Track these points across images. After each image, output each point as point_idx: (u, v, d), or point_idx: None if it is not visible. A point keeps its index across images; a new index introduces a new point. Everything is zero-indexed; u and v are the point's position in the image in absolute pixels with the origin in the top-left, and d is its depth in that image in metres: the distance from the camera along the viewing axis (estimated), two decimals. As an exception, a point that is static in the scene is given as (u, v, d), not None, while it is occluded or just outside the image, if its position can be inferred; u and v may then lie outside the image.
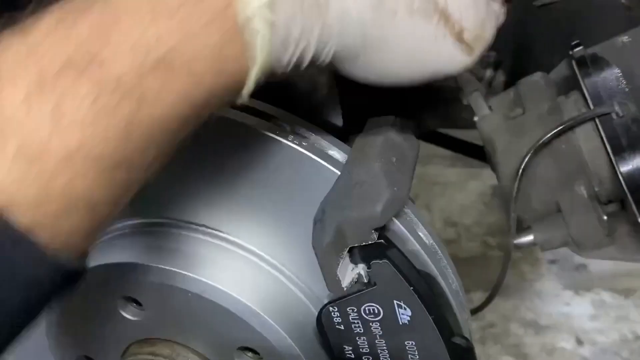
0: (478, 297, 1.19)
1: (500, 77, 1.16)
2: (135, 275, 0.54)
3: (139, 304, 0.56)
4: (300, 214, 0.50)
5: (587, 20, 0.93)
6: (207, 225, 0.54)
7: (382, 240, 0.48)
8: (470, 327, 0.59)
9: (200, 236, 0.54)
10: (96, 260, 0.55)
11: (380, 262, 0.48)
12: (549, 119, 0.56)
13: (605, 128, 0.51)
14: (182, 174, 0.52)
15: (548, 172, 0.53)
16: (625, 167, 0.50)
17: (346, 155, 0.51)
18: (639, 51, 0.57)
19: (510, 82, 1.12)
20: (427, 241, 0.54)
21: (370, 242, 0.47)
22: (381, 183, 0.46)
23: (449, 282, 0.54)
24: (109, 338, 0.59)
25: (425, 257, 0.51)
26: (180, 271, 0.53)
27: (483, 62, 1.19)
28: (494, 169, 0.59)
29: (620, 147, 0.50)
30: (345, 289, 0.48)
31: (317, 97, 0.59)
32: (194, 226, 0.55)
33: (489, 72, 1.15)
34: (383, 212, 0.46)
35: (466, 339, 0.52)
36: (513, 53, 1.06)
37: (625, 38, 0.60)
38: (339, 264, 0.47)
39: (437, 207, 2.07)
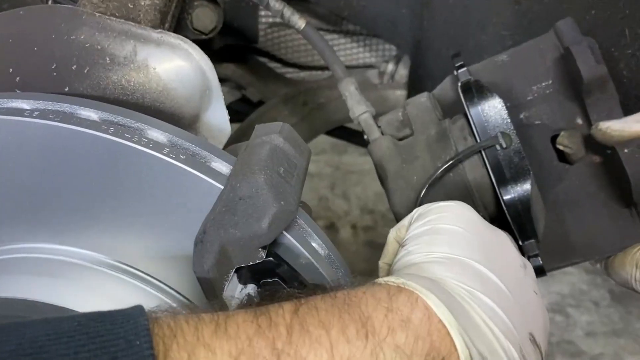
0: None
1: (402, 71, 1.16)
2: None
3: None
4: (181, 232, 0.46)
5: (479, 12, 0.94)
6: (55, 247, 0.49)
7: (270, 258, 0.44)
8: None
9: (66, 258, 0.48)
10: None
11: (271, 280, 0.45)
12: (437, 146, 0.58)
13: (490, 159, 0.54)
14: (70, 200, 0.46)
15: (438, 198, 0.55)
16: (507, 196, 0.54)
17: (231, 167, 0.47)
18: (517, 70, 0.60)
19: (412, 75, 1.13)
20: (322, 252, 0.51)
21: (258, 262, 0.43)
22: (267, 197, 0.43)
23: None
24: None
25: (319, 269, 0.48)
26: (41, 300, 0.47)
27: (385, 56, 1.19)
28: (386, 192, 0.60)
29: (503, 178, 0.54)
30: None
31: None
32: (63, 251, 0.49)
33: (390, 66, 1.15)
34: (270, 229, 0.42)
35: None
36: (413, 46, 1.06)
37: (504, 57, 0.63)
38: (224, 288, 0.43)
39: (354, 195, 2.09)
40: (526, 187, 0.53)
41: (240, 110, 1.21)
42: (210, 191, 0.45)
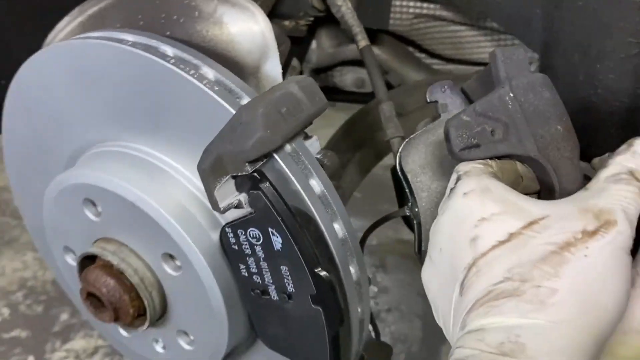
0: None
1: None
2: (93, 183, 0.68)
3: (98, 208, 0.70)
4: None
5: (606, 17, 0.92)
6: (143, 147, 0.67)
7: (255, 174, 0.57)
8: (362, 269, 0.65)
9: (136, 153, 0.67)
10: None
11: (255, 192, 0.58)
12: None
13: None
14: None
15: None
16: None
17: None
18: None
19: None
20: (317, 189, 0.61)
21: (244, 173, 0.56)
22: (258, 125, 0.55)
23: (332, 227, 0.62)
24: (81, 234, 0.74)
25: (305, 198, 0.59)
26: (119, 181, 0.66)
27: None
28: (404, 197, 0.64)
29: None
30: (222, 209, 0.58)
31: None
32: (134, 147, 0.68)
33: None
34: (253, 148, 0.55)
35: (328, 272, 0.59)
36: (543, 46, 1.06)
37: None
38: (216, 187, 0.57)
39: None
40: None
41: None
42: (228, 116, 0.59)
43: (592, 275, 0.44)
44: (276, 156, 0.58)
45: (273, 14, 0.90)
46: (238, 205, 0.59)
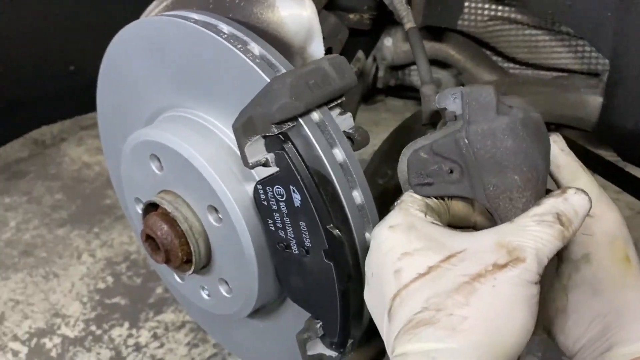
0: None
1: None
2: (157, 140, 0.80)
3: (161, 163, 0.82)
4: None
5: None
6: (199, 112, 0.77)
7: (280, 135, 0.65)
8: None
9: (193, 117, 0.77)
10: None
11: (280, 152, 0.66)
12: None
13: None
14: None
15: None
16: None
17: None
18: None
19: (608, 80, 1.11)
20: (339, 157, 0.68)
21: (270, 134, 0.64)
22: (284, 92, 0.63)
23: (350, 193, 0.68)
24: (148, 185, 0.86)
25: (325, 162, 0.66)
26: (177, 140, 0.76)
27: (587, 60, 1.18)
28: None
29: None
30: (250, 164, 0.66)
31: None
32: (192, 112, 0.78)
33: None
34: (277, 111, 0.63)
35: (340, 231, 0.65)
36: (613, 52, 1.05)
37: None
38: (246, 144, 0.65)
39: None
40: None
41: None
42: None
43: (499, 304, 0.49)
44: (302, 121, 0.66)
45: (336, 6, 0.98)
46: (265, 164, 0.67)
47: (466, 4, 1.22)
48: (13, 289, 1.72)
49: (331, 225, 0.66)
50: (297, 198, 0.66)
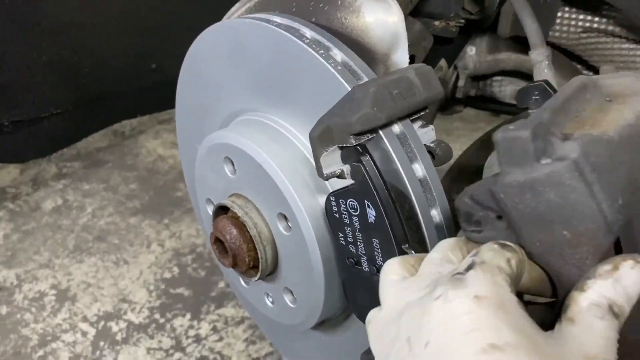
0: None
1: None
2: (232, 144, 0.79)
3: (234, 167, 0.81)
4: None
5: None
6: (275, 117, 0.76)
7: (358, 147, 0.62)
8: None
9: (269, 122, 0.76)
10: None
11: (356, 164, 0.63)
12: None
13: None
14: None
15: None
16: None
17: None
18: None
19: None
20: (419, 173, 0.64)
21: (348, 145, 0.62)
22: (367, 102, 0.60)
23: (429, 211, 0.64)
24: (220, 188, 0.85)
25: (404, 178, 0.63)
26: (252, 144, 0.75)
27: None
28: None
29: None
30: (325, 175, 0.64)
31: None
32: (268, 117, 0.77)
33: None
34: (357, 122, 0.60)
35: (416, 252, 0.62)
36: None
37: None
38: (322, 154, 0.63)
39: None
40: None
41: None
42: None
43: None
44: (382, 133, 0.63)
45: (421, 12, 0.94)
46: (340, 175, 0.64)
47: (559, 14, 1.16)
48: (86, 272, 1.78)
49: (407, 245, 0.62)
50: (371, 213, 0.64)
